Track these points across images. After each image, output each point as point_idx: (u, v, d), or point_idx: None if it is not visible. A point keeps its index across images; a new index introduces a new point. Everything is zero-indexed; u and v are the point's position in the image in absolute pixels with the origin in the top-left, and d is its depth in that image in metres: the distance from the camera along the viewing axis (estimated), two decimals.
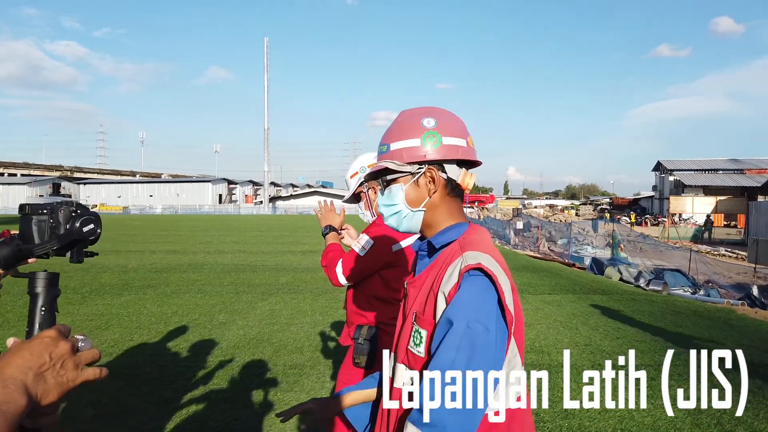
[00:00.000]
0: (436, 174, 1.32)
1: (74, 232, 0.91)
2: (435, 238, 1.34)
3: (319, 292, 9.44)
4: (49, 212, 0.92)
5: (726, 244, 28.29)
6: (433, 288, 1.25)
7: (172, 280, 10.76)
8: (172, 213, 68.29)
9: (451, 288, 1.18)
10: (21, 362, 0.72)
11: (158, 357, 5.43)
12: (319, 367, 5.19)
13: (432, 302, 1.23)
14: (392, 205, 1.35)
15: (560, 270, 13.83)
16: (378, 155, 1.38)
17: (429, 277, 1.31)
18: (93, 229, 0.93)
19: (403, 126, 1.35)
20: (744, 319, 8.01)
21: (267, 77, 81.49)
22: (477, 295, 1.15)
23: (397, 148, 1.32)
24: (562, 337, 6.42)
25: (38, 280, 0.90)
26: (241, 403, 4.28)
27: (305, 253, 16.82)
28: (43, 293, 0.89)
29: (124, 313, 7.49)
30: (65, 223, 0.92)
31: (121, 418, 3.96)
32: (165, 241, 20.96)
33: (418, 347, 1.24)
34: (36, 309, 0.89)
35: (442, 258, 1.30)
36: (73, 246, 0.94)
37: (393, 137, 1.35)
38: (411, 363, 1.27)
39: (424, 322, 1.24)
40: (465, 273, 1.17)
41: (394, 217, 1.37)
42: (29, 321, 0.89)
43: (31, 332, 0.88)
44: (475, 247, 1.25)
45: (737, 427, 3.92)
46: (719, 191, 47.60)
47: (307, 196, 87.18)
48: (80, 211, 0.93)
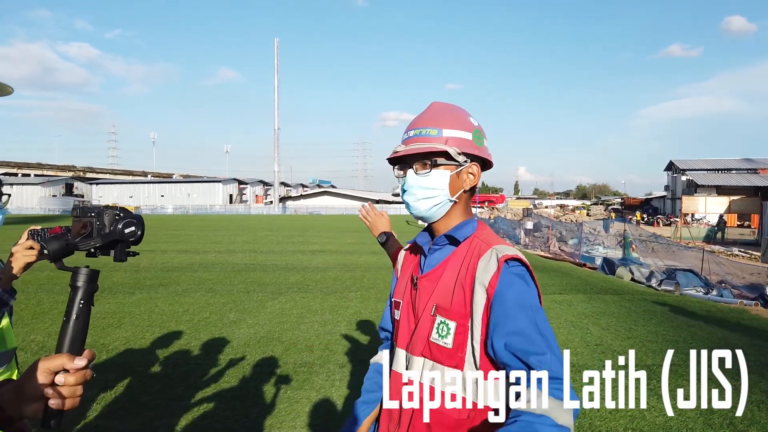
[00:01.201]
0: (477, 170, 1.38)
1: (116, 233, 1.00)
2: (456, 231, 1.36)
3: (329, 291, 9.46)
4: (96, 215, 1.01)
5: (739, 244, 28.00)
6: (462, 280, 1.28)
7: (183, 279, 10.84)
8: (183, 213, 68.76)
9: (491, 277, 1.22)
10: None
11: (169, 355, 5.48)
12: (329, 365, 5.21)
13: (462, 294, 1.26)
14: (432, 189, 1.35)
15: (571, 270, 13.75)
16: (420, 136, 1.35)
17: (449, 270, 1.32)
18: (134, 231, 1.01)
19: (455, 116, 1.37)
20: (757, 319, 7.92)
21: (277, 78, 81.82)
22: (520, 282, 1.23)
23: (452, 136, 1.34)
24: (572, 337, 6.38)
25: (80, 275, 0.97)
26: (251, 401, 4.30)
27: (315, 252, 16.87)
28: (83, 287, 0.96)
29: (136, 311, 7.56)
30: (109, 225, 1.00)
31: (132, 414, 4.00)
32: (176, 241, 21.10)
33: (444, 338, 1.27)
34: (75, 300, 0.95)
35: (462, 251, 1.33)
36: (115, 245, 1.02)
37: (446, 124, 1.35)
38: (435, 354, 1.29)
39: (453, 314, 1.27)
40: (504, 263, 1.23)
41: (426, 201, 1.36)
42: (67, 311, 0.95)
43: (68, 321, 0.94)
44: (499, 241, 1.33)
45: (750, 427, 3.88)
46: (732, 191, 47.04)
47: (317, 196, 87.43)
48: (123, 214, 1.02)
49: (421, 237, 1.47)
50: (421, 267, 1.43)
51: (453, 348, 1.26)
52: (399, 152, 1.36)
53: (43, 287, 9.23)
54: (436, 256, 1.40)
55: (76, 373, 0.88)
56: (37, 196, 73.15)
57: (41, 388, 0.86)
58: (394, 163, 1.44)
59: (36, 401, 0.87)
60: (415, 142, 1.35)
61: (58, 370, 0.88)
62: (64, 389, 0.87)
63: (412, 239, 1.52)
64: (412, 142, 1.36)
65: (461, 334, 1.25)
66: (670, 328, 6.99)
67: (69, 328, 0.94)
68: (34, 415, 0.88)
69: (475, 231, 1.36)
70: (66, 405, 0.88)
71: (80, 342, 0.94)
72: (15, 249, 1.51)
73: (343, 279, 10.98)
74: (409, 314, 1.41)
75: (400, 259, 1.58)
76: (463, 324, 1.25)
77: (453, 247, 1.37)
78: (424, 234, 1.46)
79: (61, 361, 0.88)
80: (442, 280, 1.33)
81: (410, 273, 1.47)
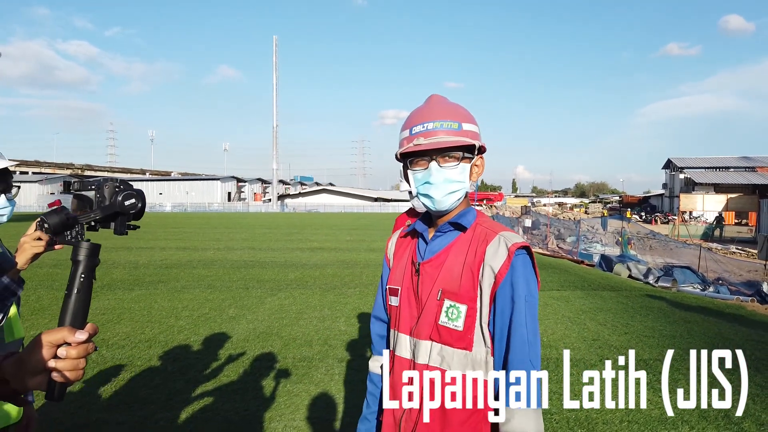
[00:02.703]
0: (482, 162, 1.45)
1: (116, 205, 0.99)
2: (461, 218, 1.41)
3: (328, 287, 9.49)
4: (96, 187, 1.01)
5: (737, 242, 28.04)
6: (470, 264, 1.33)
7: (182, 275, 10.86)
8: (181, 211, 68.67)
9: (502, 264, 1.29)
10: None
11: (169, 350, 5.50)
12: (328, 360, 5.24)
13: (470, 277, 1.32)
14: (459, 182, 1.38)
15: (569, 267, 13.79)
16: (442, 129, 1.36)
17: (454, 255, 1.37)
18: (134, 204, 1.01)
19: (464, 110, 1.42)
20: (754, 315, 7.96)
21: (276, 76, 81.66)
22: (527, 272, 1.31)
23: (470, 130, 1.38)
24: (570, 332, 6.42)
25: (81, 249, 0.97)
26: (251, 394, 4.33)
27: (313, 250, 16.89)
28: (84, 261, 0.97)
29: (136, 307, 7.58)
30: (109, 198, 1.00)
31: (133, 407, 4.03)
32: (175, 238, 21.10)
33: (455, 321, 1.32)
34: (76, 275, 0.96)
35: (466, 237, 1.38)
36: (115, 218, 1.02)
37: (462, 117, 1.39)
38: (444, 338, 1.33)
39: (463, 297, 1.32)
40: (515, 251, 1.30)
41: (452, 195, 1.38)
42: (68, 285, 0.96)
43: (69, 295, 0.95)
44: (502, 228, 1.39)
45: (745, 420, 3.93)
46: (730, 189, 47.13)
47: (315, 194, 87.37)
48: (123, 186, 1.01)
49: (419, 224, 1.49)
50: (421, 253, 1.45)
51: (463, 330, 1.31)
52: (422, 145, 1.34)
53: (42, 284, 9.24)
54: (438, 243, 1.43)
55: (78, 347, 0.89)
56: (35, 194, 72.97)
57: (44, 361, 0.88)
58: (408, 156, 1.41)
59: (39, 374, 0.88)
60: (439, 135, 1.34)
61: (60, 343, 0.89)
62: (66, 362, 0.88)
63: (410, 227, 1.53)
64: (432, 135, 1.34)
65: (471, 317, 1.31)
66: (666, 324, 7.04)
67: (71, 302, 0.94)
68: (38, 387, 0.89)
69: (476, 218, 1.42)
70: (69, 378, 0.89)
71: (82, 316, 0.95)
72: (23, 240, 1.53)
73: (341, 276, 11.01)
74: (411, 300, 1.43)
75: (392, 247, 1.60)
76: (473, 307, 1.31)
77: (455, 234, 1.41)
78: (422, 222, 1.49)
79: (62, 335, 0.89)
80: (446, 265, 1.36)
81: (407, 260, 1.49)
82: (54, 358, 0.89)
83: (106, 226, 1.02)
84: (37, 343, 0.89)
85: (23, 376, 0.88)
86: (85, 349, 0.91)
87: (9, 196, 1.83)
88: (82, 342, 0.90)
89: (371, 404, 1.60)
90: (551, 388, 4.51)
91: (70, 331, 0.90)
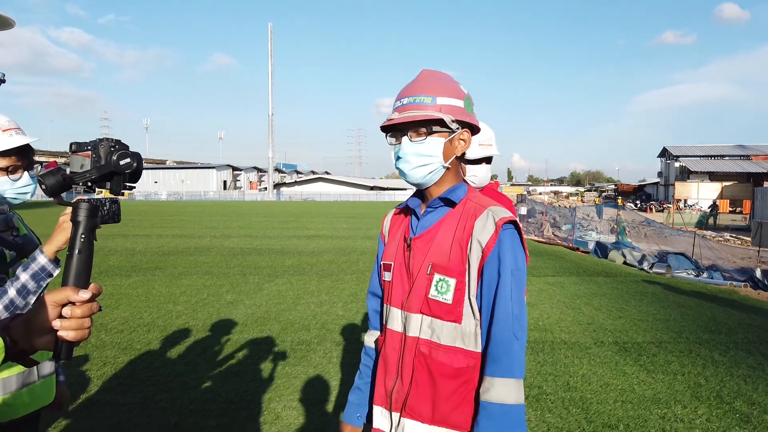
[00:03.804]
0: (468, 136, 1.43)
1: (112, 165, 1.00)
2: (451, 194, 1.41)
3: (325, 274, 9.53)
4: (91, 147, 1.01)
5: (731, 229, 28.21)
6: (459, 238, 1.35)
7: (179, 262, 10.87)
8: (176, 199, 68.46)
9: (489, 238, 1.31)
10: None
11: (168, 334, 5.54)
12: (326, 343, 5.29)
13: (459, 251, 1.34)
14: (427, 156, 1.38)
15: (564, 254, 13.87)
16: (415, 104, 1.38)
17: (444, 231, 1.38)
18: (129, 163, 1.01)
19: (446, 84, 1.41)
20: (747, 299, 8.05)
21: (271, 63, 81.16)
22: (514, 246, 1.33)
23: (445, 104, 1.37)
24: (565, 317, 6.49)
25: (80, 210, 0.98)
26: (250, 377, 4.38)
27: (310, 237, 16.92)
28: (84, 221, 0.98)
29: (134, 293, 7.61)
30: (105, 157, 1.00)
31: (133, 389, 4.07)
32: (171, 226, 21.08)
33: (444, 295, 1.34)
34: (77, 235, 0.97)
35: (456, 212, 1.39)
36: (111, 178, 1.02)
37: (439, 91, 1.38)
38: (434, 311, 1.36)
39: (452, 271, 1.34)
40: (502, 226, 1.31)
41: (422, 169, 1.40)
42: (70, 246, 0.98)
43: (71, 255, 0.97)
44: (491, 202, 1.39)
45: (736, 400, 4.00)
46: (725, 177, 47.34)
47: (311, 182, 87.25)
48: (118, 146, 1.01)
49: (412, 201, 1.51)
50: (413, 229, 1.47)
51: (453, 303, 1.33)
52: (393, 120, 1.38)
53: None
54: (429, 218, 1.44)
55: (82, 306, 0.91)
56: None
57: (49, 321, 0.89)
58: (388, 130, 1.45)
59: (46, 334, 0.90)
60: (410, 110, 1.37)
61: (64, 302, 0.90)
62: (71, 321, 0.90)
63: (402, 203, 1.56)
64: (406, 109, 1.38)
65: (460, 291, 1.33)
66: (660, 308, 7.11)
67: (73, 263, 0.96)
68: (46, 347, 0.90)
69: (467, 194, 1.42)
70: (75, 337, 0.90)
71: (85, 275, 0.97)
72: (62, 218, 1.50)
73: (338, 262, 11.05)
74: (403, 274, 1.45)
75: (387, 224, 1.62)
76: (462, 281, 1.33)
77: (446, 209, 1.42)
78: (415, 198, 1.51)
79: (65, 294, 0.90)
80: (437, 240, 1.38)
81: (401, 235, 1.51)
82: (59, 317, 0.90)
83: (102, 185, 1.03)
84: (42, 303, 0.90)
85: (30, 336, 0.90)
86: (89, 309, 0.92)
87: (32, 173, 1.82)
88: (86, 301, 0.92)
89: (364, 375, 1.63)
90: (547, 370, 4.58)
91: (74, 291, 0.91)
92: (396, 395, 1.42)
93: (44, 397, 1.84)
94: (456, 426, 1.33)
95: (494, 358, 1.29)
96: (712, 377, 4.43)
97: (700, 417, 3.71)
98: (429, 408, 1.35)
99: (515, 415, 1.27)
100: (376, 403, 1.49)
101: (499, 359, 1.28)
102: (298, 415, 3.69)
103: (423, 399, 1.36)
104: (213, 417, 3.62)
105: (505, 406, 1.26)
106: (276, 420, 3.60)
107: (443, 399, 1.34)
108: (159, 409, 3.72)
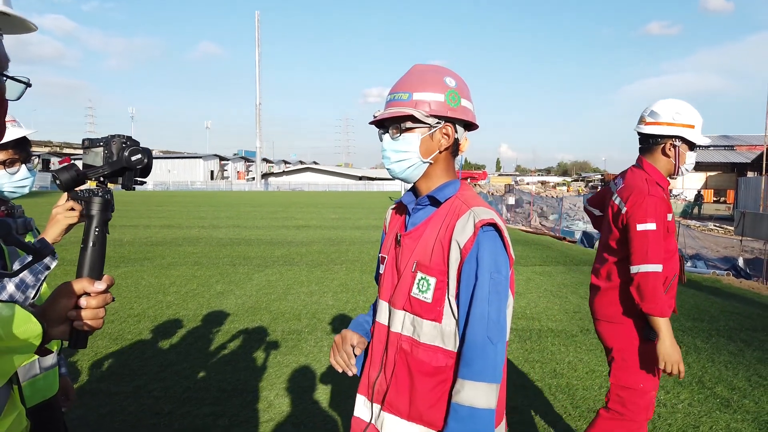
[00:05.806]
0: (451, 131, 1.42)
1: (123, 160, 1.04)
2: (438, 192, 1.42)
3: (314, 264, 9.57)
4: (104, 144, 1.05)
5: (715, 219, 28.60)
6: (441, 238, 1.36)
7: (168, 253, 10.85)
8: (163, 189, 67.88)
9: (467, 240, 1.31)
10: None
11: (159, 324, 5.55)
12: (317, 332, 5.34)
13: (441, 250, 1.35)
14: (404, 152, 1.41)
15: (551, 243, 14.02)
16: (394, 101, 1.42)
17: (430, 229, 1.40)
18: (140, 159, 1.06)
19: (426, 79, 1.41)
20: (729, 288, 8.23)
21: (258, 52, 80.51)
22: (494, 249, 1.32)
23: (421, 99, 1.38)
24: (551, 305, 6.59)
25: (94, 204, 1.03)
26: (242, 365, 4.42)
27: (299, 227, 16.92)
28: (97, 215, 1.03)
29: (123, 284, 7.59)
30: (117, 153, 1.04)
31: (125, 379, 4.09)
32: (158, 216, 20.95)
33: (424, 293, 1.36)
34: (91, 228, 1.02)
35: (443, 211, 1.40)
36: (123, 173, 1.06)
37: (416, 87, 1.40)
38: (415, 308, 1.38)
39: (433, 270, 1.36)
40: (481, 227, 1.31)
41: (400, 164, 1.42)
42: (84, 239, 1.02)
43: (85, 248, 1.01)
44: (478, 202, 1.39)
45: (717, 385, 4.11)
46: (709, 167, 47.85)
47: (299, 172, 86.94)
48: (130, 143, 1.06)
49: (406, 196, 1.54)
50: (406, 225, 1.51)
51: (432, 302, 1.35)
52: (376, 117, 1.43)
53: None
54: (419, 215, 1.47)
55: (97, 296, 0.96)
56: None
57: (66, 311, 0.94)
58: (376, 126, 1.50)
59: (62, 323, 0.95)
60: (390, 107, 1.41)
61: (80, 293, 0.95)
62: (87, 311, 0.95)
63: (399, 198, 1.59)
64: (389, 106, 1.42)
65: (440, 290, 1.35)
66: None
67: (87, 255, 1.00)
68: (62, 336, 0.95)
69: (456, 192, 1.43)
70: (91, 326, 0.96)
71: (99, 267, 1.01)
72: (55, 210, 1.48)
73: (328, 252, 11.08)
74: (392, 270, 1.49)
75: (388, 217, 1.65)
76: (443, 280, 1.34)
77: (434, 207, 1.44)
78: (410, 194, 1.53)
79: (81, 285, 0.95)
80: (423, 238, 1.40)
81: (396, 230, 1.54)
82: (75, 308, 0.95)
83: (114, 181, 1.07)
84: (59, 293, 0.95)
85: (48, 326, 0.94)
86: (103, 299, 0.98)
87: (29, 166, 1.82)
88: (101, 292, 0.97)
89: (368, 315, 1.67)
90: (534, 358, 4.68)
91: (89, 282, 0.97)
92: (378, 387, 1.46)
93: (46, 389, 1.85)
94: (431, 424, 1.36)
95: (467, 361, 1.28)
96: (695, 363, 4.55)
97: (682, 402, 3.82)
98: (406, 403, 1.38)
99: (484, 419, 1.26)
100: (359, 391, 1.53)
101: (471, 362, 1.28)
102: (290, 403, 3.74)
103: (401, 394, 1.39)
104: (206, 405, 3.66)
105: (474, 410, 1.26)
106: (269, 408, 3.65)
107: (420, 396, 1.36)
108: (152, 398, 3.75)
